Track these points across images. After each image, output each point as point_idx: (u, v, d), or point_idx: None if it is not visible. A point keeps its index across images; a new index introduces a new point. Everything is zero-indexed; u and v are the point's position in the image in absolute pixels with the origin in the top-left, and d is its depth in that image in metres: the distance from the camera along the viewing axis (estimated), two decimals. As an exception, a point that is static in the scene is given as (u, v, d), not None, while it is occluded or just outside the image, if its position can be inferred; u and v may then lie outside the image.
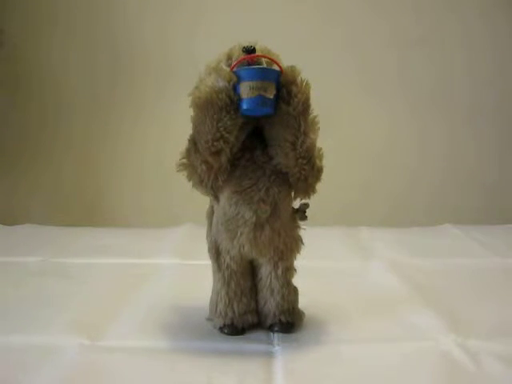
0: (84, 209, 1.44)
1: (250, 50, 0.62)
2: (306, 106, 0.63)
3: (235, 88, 0.61)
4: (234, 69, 0.62)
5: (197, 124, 0.63)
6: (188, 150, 0.64)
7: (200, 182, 0.64)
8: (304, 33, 1.38)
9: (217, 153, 0.62)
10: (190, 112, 0.65)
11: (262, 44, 0.65)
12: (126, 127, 1.42)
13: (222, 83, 0.61)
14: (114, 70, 1.40)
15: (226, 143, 0.62)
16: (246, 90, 0.61)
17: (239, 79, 0.61)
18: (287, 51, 0.67)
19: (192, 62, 0.67)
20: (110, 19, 1.39)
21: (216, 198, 0.67)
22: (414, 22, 1.40)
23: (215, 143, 0.62)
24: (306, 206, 0.69)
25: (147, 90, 1.40)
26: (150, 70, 1.40)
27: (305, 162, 0.64)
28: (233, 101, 0.61)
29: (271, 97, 0.61)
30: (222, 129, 0.61)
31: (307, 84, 0.64)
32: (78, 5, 1.39)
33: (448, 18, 1.39)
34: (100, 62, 1.40)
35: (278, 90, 0.62)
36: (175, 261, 1.03)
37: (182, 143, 0.65)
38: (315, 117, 0.65)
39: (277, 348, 0.66)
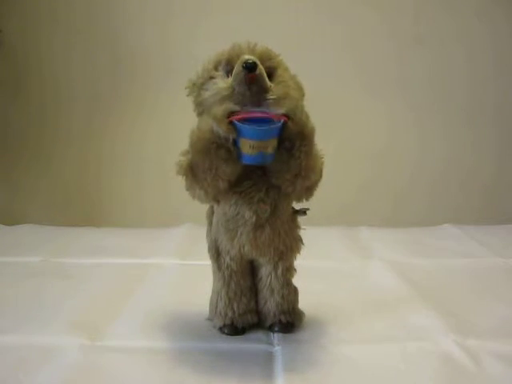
0: (84, 209, 1.44)
1: (250, 67, 0.59)
2: (309, 154, 0.61)
3: (235, 141, 0.59)
4: (235, 121, 0.59)
5: (195, 159, 0.60)
6: (185, 174, 0.61)
7: (198, 198, 0.64)
8: (303, 32, 1.37)
9: (215, 186, 0.62)
10: (190, 112, 0.65)
11: (262, 44, 0.64)
12: (126, 127, 1.42)
13: (222, 136, 0.59)
14: (113, 69, 1.40)
15: (225, 182, 0.61)
16: (245, 146, 0.59)
17: (239, 134, 0.59)
18: (287, 51, 0.67)
19: (192, 62, 0.67)
20: (110, 19, 1.39)
21: (217, 202, 0.67)
22: (414, 21, 1.39)
23: (214, 182, 0.61)
24: (307, 209, 0.69)
25: (147, 90, 1.40)
26: (150, 70, 1.40)
27: (304, 187, 0.63)
28: (232, 153, 0.60)
29: (272, 152, 0.60)
30: (220, 174, 0.60)
31: (312, 132, 0.61)
32: (77, 4, 1.39)
33: (447, 17, 1.39)
34: (100, 61, 1.40)
35: (281, 140, 0.60)
36: (175, 261, 1.03)
37: (182, 143, 0.64)
38: (318, 153, 0.63)
39: (277, 348, 0.66)
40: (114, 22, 1.39)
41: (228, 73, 0.62)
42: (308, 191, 0.65)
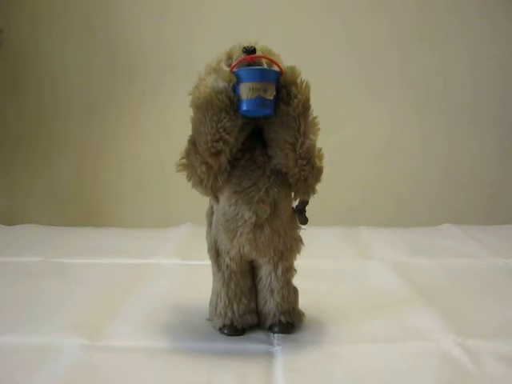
0: (82, 209, 1.44)
1: (250, 51, 0.62)
2: (305, 107, 0.63)
3: (235, 89, 0.61)
4: (234, 69, 0.62)
5: (196, 125, 0.63)
6: (187, 151, 0.63)
7: (200, 183, 0.64)
8: (305, 32, 1.37)
9: (216, 154, 0.62)
10: (188, 112, 0.65)
11: (262, 44, 0.65)
12: (124, 127, 1.42)
13: (221, 84, 0.61)
14: (111, 69, 1.40)
15: (225, 144, 0.62)
16: (245, 91, 0.60)
17: (239, 80, 0.61)
18: (288, 51, 0.67)
19: (190, 62, 0.67)
20: (108, 19, 1.39)
21: (216, 198, 0.67)
22: (416, 20, 1.39)
23: (215, 144, 0.62)
24: (306, 202, 0.68)
25: (145, 90, 1.40)
26: (148, 70, 1.40)
27: (304, 162, 0.64)
28: (232, 102, 0.61)
29: (271, 98, 0.61)
30: (221, 130, 0.61)
31: (307, 85, 0.63)
32: (76, 4, 1.39)
33: (450, 16, 1.39)
34: (98, 61, 1.40)
35: (278, 90, 0.62)
36: (175, 261, 1.03)
37: (181, 143, 0.64)
38: (315, 118, 0.65)
39: (277, 348, 0.66)
40: (111, 22, 1.39)
41: (229, 66, 0.63)
42: (311, 182, 0.65)
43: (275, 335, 0.69)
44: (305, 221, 0.69)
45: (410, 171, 1.44)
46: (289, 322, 0.70)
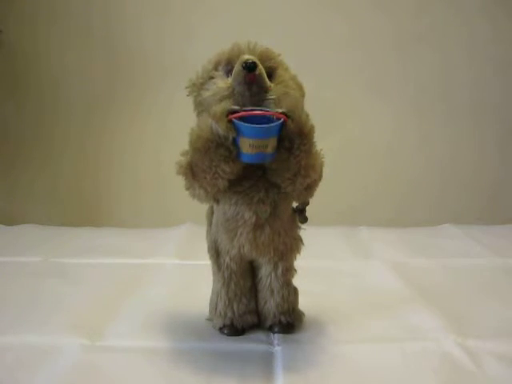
0: (82, 209, 1.44)
1: (250, 67, 0.59)
2: (308, 153, 0.61)
3: (235, 140, 0.59)
4: (235, 120, 0.58)
5: (194, 158, 0.60)
6: (185, 172, 0.61)
7: (198, 198, 0.64)
8: (306, 32, 1.37)
9: (215, 185, 0.61)
10: (188, 112, 0.65)
11: (262, 45, 0.64)
12: (124, 127, 1.42)
13: (221, 135, 0.58)
14: (111, 70, 1.40)
15: (224, 180, 0.61)
16: (245, 145, 0.58)
17: (239, 133, 0.58)
18: (289, 50, 0.67)
19: (190, 63, 0.67)
20: (108, 19, 1.39)
21: (215, 201, 0.67)
22: (417, 20, 1.39)
23: (213, 181, 0.60)
24: (306, 203, 0.68)
25: (145, 90, 1.40)
26: (148, 70, 1.40)
27: (304, 186, 0.63)
28: (232, 152, 0.59)
29: (272, 152, 0.59)
30: (220, 172, 0.60)
31: (311, 130, 0.61)
32: (75, 4, 1.39)
33: (451, 16, 1.39)
34: (97, 61, 1.40)
35: (280, 138, 0.59)
36: (175, 261, 1.03)
37: (180, 143, 0.64)
38: (318, 152, 0.63)
39: (277, 348, 0.66)
40: (111, 23, 1.39)
41: (228, 73, 0.62)
42: (308, 190, 0.64)
43: (275, 335, 0.69)
44: (304, 220, 0.69)
45: (409, 171, 1.44)
46: (289, 322, 0.70)
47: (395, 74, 1.41)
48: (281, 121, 0.59)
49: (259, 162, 0.61)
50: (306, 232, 0.70)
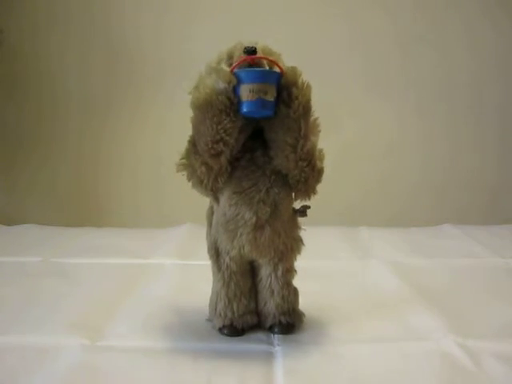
0: (82, 209, 1.44)
1: (251, 51, 0.62)
2: (306, 109, 0.62)
3: (235, 90, 0.61)
4: (235, 70, 0.61)
5: (196, 125, 0.62)
6: (187, 151, 0.63)
7: (200, 183, 0.64)
8: (306, 32, 1.37)
9: (216, 155, 0.62)
10: (187, 112, 0.65)
11: (262, 43, 0.64)
12: (123, 126, 1.41)
13: (221, 85, 0.60)
14: (110, 69, 1.40)
15: (225, 145, 0.62)
16: (245, 92, 0.60)
17: (239, 81, 0.61)
18: (289, 50, 0.67)
19: (189, 62, 0.67)
20: (107, 20, 1.39)
21: (216, 199, 0.67)
22: (418, 20, 1.39)
23: (215, 145, 0.61)
24: (307, 207, 0.69)
25: (144, 90, 1.40)
26: (147, 70, 1.39)
27: (305, 164, 0.63)
28: (232, 103, 0.61)
29: (271, 99, 0.61)
30: (221, 131, 0.61)
31: (308, 86, 0.63)
32: (75, 4, 1.39)
33: (452, 16, 1.39)
34: (97, 61, 1.40)
35: (279, 92, 0.62)
36: (175, 261, 1.03)
37: (180, 143, 0.64)
38: (316, 119, 0.65)
39: (277, 348, 0.66)
40: (110, 22, 1.39)
41: (229, 66, 0.63)
42: (311, 183, 0.65)
43: (275, 336, 0.69)
44: (304, 215, 0.69)
45: (410, 171, 1.43)
46: (289, 322, 0.70)
47: (396, 73, 1.41)
48: (279, 71, 0.62)
49: (260, 113, 0.61)
50: (306, 232, 0.70)
